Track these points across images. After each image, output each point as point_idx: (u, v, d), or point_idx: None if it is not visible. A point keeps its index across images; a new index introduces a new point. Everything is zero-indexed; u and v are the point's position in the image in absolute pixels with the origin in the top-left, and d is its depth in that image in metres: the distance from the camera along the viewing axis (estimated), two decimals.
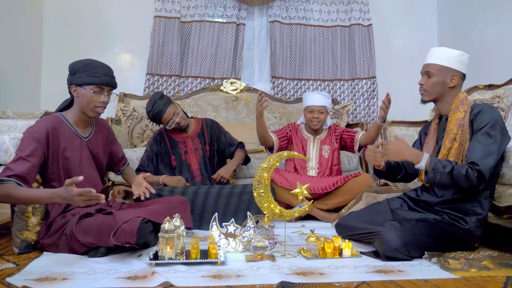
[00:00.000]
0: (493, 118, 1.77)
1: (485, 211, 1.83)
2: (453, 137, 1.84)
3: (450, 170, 1.71)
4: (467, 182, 1.71)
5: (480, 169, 1.70)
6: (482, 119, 1.79)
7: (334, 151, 2.92)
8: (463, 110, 1.86)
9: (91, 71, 1.87)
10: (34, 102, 3.89)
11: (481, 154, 1.72)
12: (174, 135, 2.75)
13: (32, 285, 1.41)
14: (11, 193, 1.66)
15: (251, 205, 2.38)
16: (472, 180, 1.71)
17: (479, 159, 1.71)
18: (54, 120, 1.90)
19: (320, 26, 4.30)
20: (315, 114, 2.84)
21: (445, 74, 1.90)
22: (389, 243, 1.70)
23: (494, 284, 1.44)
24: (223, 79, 4.11)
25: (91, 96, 1.88)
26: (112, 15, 4.12)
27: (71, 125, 1.94)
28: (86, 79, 1.86)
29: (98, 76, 1.87)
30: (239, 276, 1.52)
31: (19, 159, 1.75)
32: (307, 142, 2.94)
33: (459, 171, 1.71)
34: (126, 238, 1.67)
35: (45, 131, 1.83)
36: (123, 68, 4.15)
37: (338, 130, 2.98)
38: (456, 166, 1.73)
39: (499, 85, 2.92)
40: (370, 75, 4.21)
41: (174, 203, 2.10)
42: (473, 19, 3.91)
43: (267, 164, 1.87)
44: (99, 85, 1.89)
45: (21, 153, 1.76)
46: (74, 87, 1.90)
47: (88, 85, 1.88)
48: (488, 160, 1.71)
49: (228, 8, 4.17)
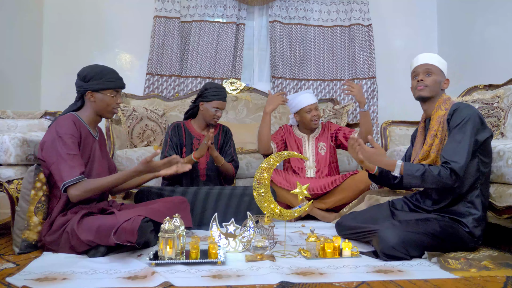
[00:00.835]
0: (467, 114, 1.81)
1: (479, 211, 1.83)
2: (434, 134, 1.90)
3: (422, 173, 1.78)
4: (441, 182, 1.77)
5: (452, 167, 1.75)
6: (456, 117, 1.83)
7: (330, 148, 2.91)
8: (444, 108, 1.92)
9: (106, 78, 1.98)
10: (34, 102, 3.89)
11: (452, 152, 1.78)
12: (192, 130, 2.74)
13: (32, 285, 1.41)
14: (94, 187, 1.83)
15: (251, 206, 2.38)
16: (445, 178, 1.76)
17: (450, 157, 1.77)
18: (73, 118, 1.95)
19: (320, 26, 4.31)
20: (314, 112, 2.84)
21: (441, 76, 1.98)
22: (386, 241, 1.71)
23: (494, 284, 1.44)
24: (223, 79, 4.11)
25: (109, 100, 2.00)
26: (112, 15, 4.12)
27: (86, 124, 2.01)
28: (103, 85, 1.97)
29: (113, 81, 2.00)
30: (239, 276, 1.52)
31: (74, 157, 1.84)
32: (302, 141, 2.93)
33: (431, 173, 1.77)
34: (127, 236, 1.67)
35: (75, 126, 1.91)
36: (123, 68, 4.15)
37: (333, 127, 2.96)
38: (428, 168, 1.78)
39: (499, 85, 2.93)
40: (370, 75, 4.21)
41: (174, 203, 2.10)
42: (473, 19, 3.91)
43: (267, 164, 1.87)
44: (115, 89, 2.02)
45: (72, 151, 1.85)
46: (90, 93, 1.99)
47: (106, 90, 1.99)
48: (459, 157, 1.76)
49: (228, 8, 4.17)
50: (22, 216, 1.87)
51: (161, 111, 3.64)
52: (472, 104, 2.80)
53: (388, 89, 4.29)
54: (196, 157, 2.53)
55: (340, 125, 3.02)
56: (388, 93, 4.26)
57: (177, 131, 2.72)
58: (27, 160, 2.11)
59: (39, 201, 1.89)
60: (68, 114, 1.97)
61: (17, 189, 2.03)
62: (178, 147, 2.70)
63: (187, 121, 2.79)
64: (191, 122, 2.78)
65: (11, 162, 2.06)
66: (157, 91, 4.02)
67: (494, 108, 2.75)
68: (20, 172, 2.08)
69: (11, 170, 2.08)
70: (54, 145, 1.85)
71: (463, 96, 3.12)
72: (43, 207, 1.91)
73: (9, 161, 2.06)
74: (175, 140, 2.69)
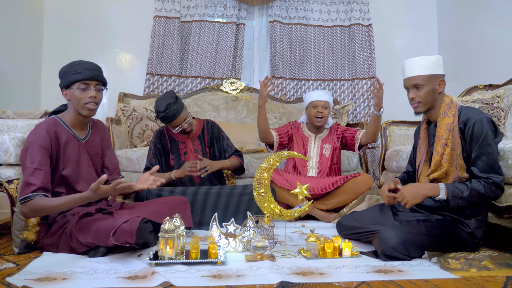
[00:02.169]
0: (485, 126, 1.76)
1: (483, 212, 1.83)
2: (444, 143, 1.84)
3: (469, 194, 1.74)
4: (487, 197, 1.75)
5: (495, 181, 1.73)
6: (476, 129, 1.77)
7: (335, 150, 2.92)
8: (451, 114, 1.85)
9: (73, 70, 1.88)
10: (34, 102, 3.89)
11: (489, 167, 1.75)
12: (175, 135, 2.74)
13: (32, 285, 1.41)
14: (43, 206, 1.72)
15: (251, 206, 2.38)
16: (491, 193, 1.74)
17: (488, 171, 1.75)
18: (52, 123, 1.88)
19: (320, 26, 4.30)
20: (319, 108, 2.84)
21: (433, 82, 1.87)
22: (387, 242, 1.70)
23: (494, 284, 1.44)
24: (223, 79, 4.11)
25: (78, 94, 1.87)
26: (112, 15, 4.12)
27: (68, 127, 1.94)
28: (71, 79, 1.87)
29: (80, 72, 1.87)
30: (239, 276, 1.52)
31: (34, 171, 1.75)
32: (308, 140, 2.94)
33: (476, 190, 1.74)
34: (126, 238, 1.67)
35: (47, 135, 1.82)
36: (123, 68, 4.15)
37: (340, 129, 2.97)
38: (471, 186, 1.75)
39: (499, 85, 2.93)
40: (370, 75, 4.21)
41: (174, 203, 2.10)
42: (473, 19, 3.91)
43: (267, 164, 1.87)
44: (83, 81, 1.87)
45: (33, 164, 1.76)
46: (64, 91, 1.91)
47: (73, 84, 1.88)
48: (497, 169, 1.75)
49: (228, 8, 4.17)
50: (20, 216, 1.87)
51: None
52: (472, 104, 2.80)
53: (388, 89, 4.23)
54: (175, 177, 2.55)
55: (346, 127, 3.05)
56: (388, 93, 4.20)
57: (160, 138, 2.72)
58: None
59: None
60: (49, 118, 1.91)
61: (17, 189, 2.03)
62: (163, 154, 2.70)
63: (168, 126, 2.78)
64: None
65: (11, 162, 2.06)
66: (157, 91, 4.02)
67: (494, 108, 2.75)
68: (20, 172, 2.08)
69: (11, 170, 2.08)
70: (23, 153, 1.81)
71: (463, 96, 3.12)
72: None
73: (9, 161, 2.06)
74: (159, 147, 2.70)
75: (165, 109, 2.52)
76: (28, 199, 1.71)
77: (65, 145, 1.89)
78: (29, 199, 1.71)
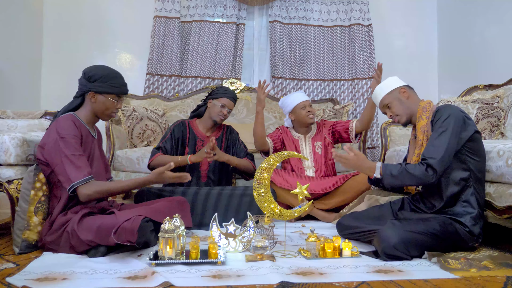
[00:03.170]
0: (447, 113, 1.83)
1: (475, 209, 1.83)
2: (420, 144, 1.93)
3: (399, 172, 1.82)
4: (419, 178, 1.80)
5: (428, 162, 1.78)
6: (437, 118, 1.87)
7: (327, 146, 2.92)
8: (425, 117, 1.95)
9: (111, 82, 1.97)
10: (34, 102, 3.89)
11: (430, 149, 1.81)
12: (196, 131, 2.74)
13: (32, 285, 1.41)
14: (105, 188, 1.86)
15: (252, 207, 2.37)
16: (422, 175, 1.78)
17: (428, 153, 1.81)
18: (72, 118, 1.95)
19: (320, 26, 4.30)
20: (308, 108, 2.86)
21: (395, 95, 2.04)
22: (387, 240, 1.71)
23: (494, 284, 1.44)
24: (223, 79, 4.11)
25: (110, 104, 1.99)
26: (112, 15, 4.12)
27: (84, 123, 2.01)
28: (108, 89, 1.96)
29: (118, 87, 1.99)
30: (239, 276, 1.52)
31: (80, 157, 1.85)
32: (299, 142, 2.94)
33: (407, 171, 1.80)
34: (127, 236, 1.67)
35: (75, 127, 1.90)
36: (123, 68, 4.15)
37: (328, 124, 2.97)
38: (405, 166, 1.82)
39: (499, 85, 2.93)
40: (370, 75, 4.21)
41: (174, 203, 2.10)
42: (473, 19, 3.91)
43: (267, 164, 1.87)
44: (118, 95, 2.01)
45: (77, 152, 1.85)
46: (92, 94, 1.97)
47: (108, 94, 1.98)
48: (436, 153, 1.78)
49: (228, 8, 4.17)
50: (22, 216, 1.87)
51: (161, 111, 3.64)
52: (472, 104, 2.80)
53: None
54: (191, 161, 2.53)
55: (334, 120, 3.02)
56: None
57: (181, 128, 2.72)
58: (27, 160, 2.11)
59: (38, 201, 1.89)
60: (67, 114, 1.96)
61: (17, 189, 2.03)
62: (178, 144, 2.68)
63: (192, 120, 2.79)
64: (196, 122, 2.78)
65: (11, 162, 2.06)
66: (157, 91, 4.02)
67: (494, 108, 2.75)
68: (20, 172, 2.08)
69: (11, 170, 2.08)
70: (57, 146, 1.84)
71: (463, 96, 3.12)
72: (43, 207, 1.91)
73: (9, 161, 2.06)
74: (177, 136, 2.68)
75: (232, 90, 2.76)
76: (86, 181, 1.81)
77: (85, 139, 1.96)
78: (88, 181, 1.82)
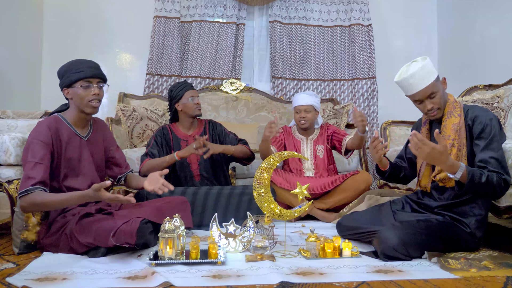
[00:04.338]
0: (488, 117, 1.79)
1: (484, 212, 1.83)
2: (451, 143, 1.84)
3: (485, 181, 1.69)
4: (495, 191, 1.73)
5: (506, 179, 1.72)
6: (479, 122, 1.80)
7: (327, 150, 2.92)
8: (457, 114, 1.86)
9: (75, 69, 1.90)
10: (34, 102, 3.88)
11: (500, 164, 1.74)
12: (178, 132, 2.75)
13: (32, 285, 1.41)
14: (40, 201, 1.71)
15: (251, 206, 2.38)
16: (499, 188, 1.72)
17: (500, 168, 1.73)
18: (54, 120, 1.91)
19: (320, 26, 4.30)
20: (302, 113, 2.84)
21: (439, 85, 1.88)
22: (387, 242, 1.70)
23: (494, 284, 1.44)
24: (223, 79, 4.11)
25: (81, 92, 1.90)
26: (112, 15, 4.12)
27: (70, 125, 1.96)
28: (73, 77, 1.90)
29: (82, 70, 1.90)
30: (239, 276, 1.52)
31: (35, 165, 1.76)
32: (300, 143, 2.94)
33: (491, 180, 1.69)
34: (126, 238, 1.67)
35: (48, 131, 1.85)
36: (123, 68, 4.15)
37: (330, 129, 2.96)
38: (489, 174, 1.70)
39: (499, 85, 2.93)
40: (370, 75, 4.21)
41: (174, 203, 2.10)
42: (473, 19, 3.91)
43: (267, 164, 1.87)
44: (86, 79, 1.91)
45: (34, 159, 1.77)
46: (66, 90, 1.93)
47: (76, 83, 1.90)
48: (506, 168, 1.75)
49: (228, 8, 4.17)
50: (21, 216, 1.87)
51: (161, 111, 3.64)
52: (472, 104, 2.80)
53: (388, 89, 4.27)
54: (179, 156, 2.52)
55: (336, 128, 3.00)
56: (388, 93, 4.25)
57: (163, 132, 2.74)
58: None
59: None
60: (51, 116, 1.94)
61: (17, 189, 2.03)
62: (162, 148, 2.70)
63: (172, 124, 2.80)
64: (176, 124, 2.80)
65: (11, 162, 2.06)
66: (157, 91, 4.02)
67: (494, 108, 2.75)
68: (20, 172, 2.08)
69: (11, 170, 2.08)
70: (25, 149, 1.83)
71: (463, 96, 3.12)
72: None
73: (9, 161, 2.06)
74: (160, 140, 2.70)
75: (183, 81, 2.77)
76: (27, 193, 1.71)
77: (66, 142, 1.91)
78: (28, 192, 1.71)
